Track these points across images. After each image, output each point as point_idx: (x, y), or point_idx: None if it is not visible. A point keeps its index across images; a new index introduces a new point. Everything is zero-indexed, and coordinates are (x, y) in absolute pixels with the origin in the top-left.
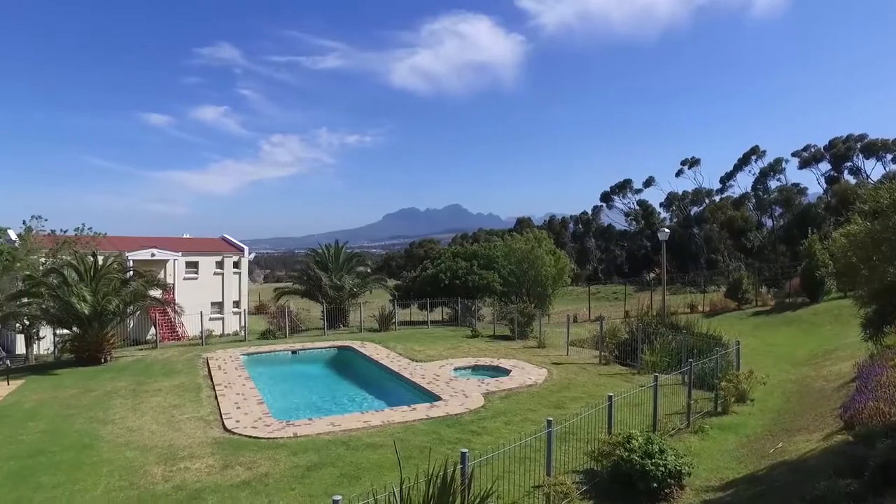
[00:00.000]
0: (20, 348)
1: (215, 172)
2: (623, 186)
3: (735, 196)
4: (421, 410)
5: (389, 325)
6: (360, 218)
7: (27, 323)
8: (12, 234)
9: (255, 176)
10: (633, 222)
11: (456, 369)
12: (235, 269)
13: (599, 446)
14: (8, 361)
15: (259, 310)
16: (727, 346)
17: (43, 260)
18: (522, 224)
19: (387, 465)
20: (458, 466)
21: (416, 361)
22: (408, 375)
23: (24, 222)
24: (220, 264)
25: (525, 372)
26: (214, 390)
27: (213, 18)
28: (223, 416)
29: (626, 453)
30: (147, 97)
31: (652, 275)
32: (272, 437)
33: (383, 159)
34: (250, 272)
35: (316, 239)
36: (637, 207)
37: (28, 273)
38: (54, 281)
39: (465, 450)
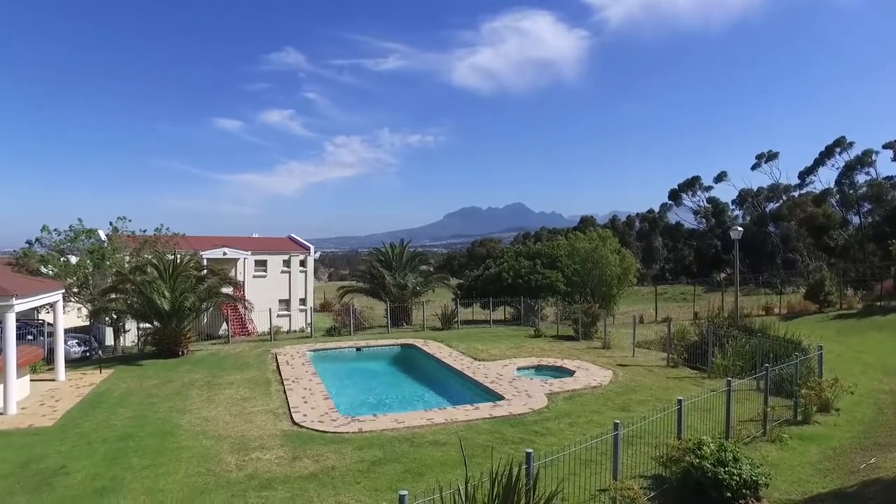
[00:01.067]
0: (109, 340)
1: (281, 174)
2: (692, 183)
3: (816, 192)
4: (484, 409)
5: (452, 324)
6: (421, 217)
7: (115, 317)
8: (102, 235)
9: (319, 177)
10: (703, 220)
11: (519, 369)
12: (301, 268)
13: (668, 451)
14: (100, 352)
15: (324, 307)
16: (807, 351)
17: (128, 258)
18: (585, 223)
19: (450, 463)
20: (523, 467)
21: (479, 360)
22: (470, 374)
23: (110, 223)
24: (286, 263)
25: (589, 373)
26: (283, 385)
27: (280, 25)
28: (291, 410)
29: (697, 460)
30: (219, 104)
31: (723, 275)
32: (338, 431)
33: (445, 158)
34: (315, 270)
35: (378, 238)
36: (707, 205)
37: (115, 271)
38: (138, 278)
39: (531, 450)
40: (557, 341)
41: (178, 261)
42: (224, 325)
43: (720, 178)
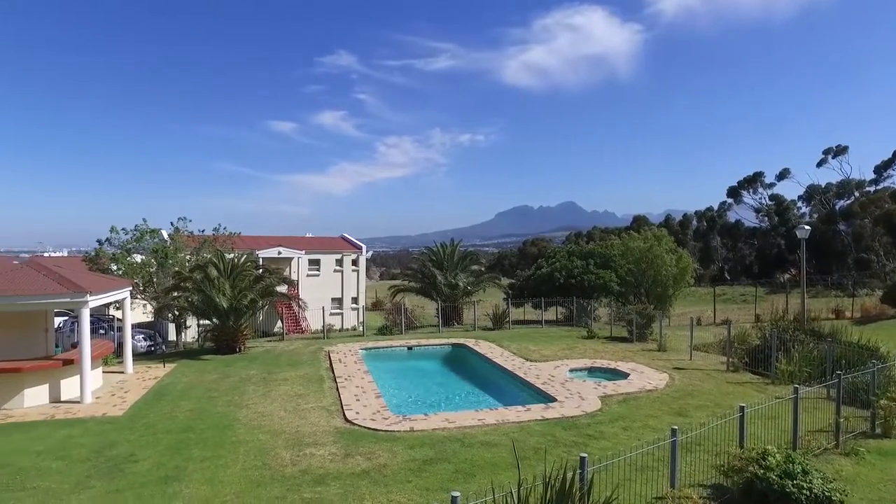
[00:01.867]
0: (172, 335)
1: (334, 174)
2: (753, 180)
3: (895, 187)
4: (536, 411)
5: (503, 324)
6: (472, 216)
7: (177, 314)
8: (165, 234)
9: (370, 177)
10: (765, 218)
11: (571, 370)
12: (354, 267)
13: (730, 460)
14: (164, 347)
15: (376, 306)
16: (886, 358)
17: (188, 257)
18: (639, 222)
19: (501, 465)
20: (577, 471)
21: (531, 361)
22: (522, 375)
23: (171, 223)
24: (339, 262)
25: (644, 376)
26: (336, 382)
27: (332, 29)
28: (344, 407)
29: (762, 471)
30: (274, 106)
31: (787, 276)
32: (390, 429)
33: (496, 157)
34: (367, 269)
35: (430, 237)
36: (770, 202)
37: (177, 269)
38: (199, 277)
39: (584, 454)
40: (611, 343)
41: (237, 260)
42: (279, 323)
43: (783, 174)
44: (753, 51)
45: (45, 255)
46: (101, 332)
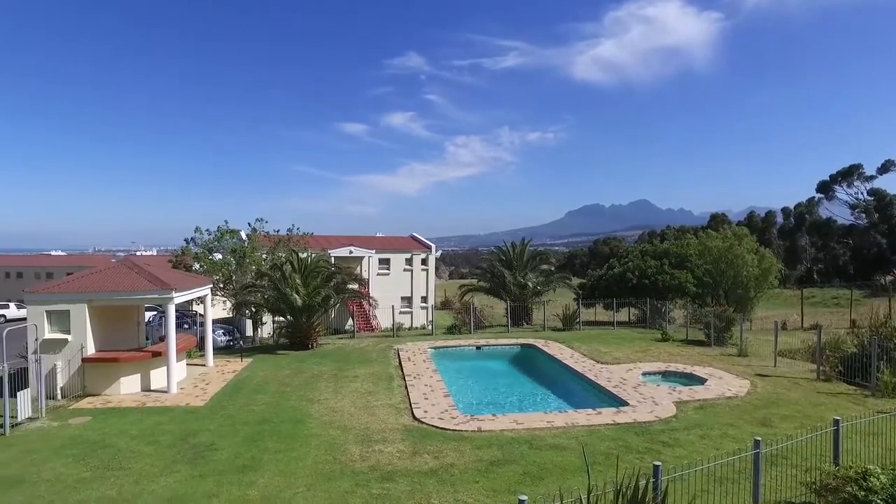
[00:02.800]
0: (249, 331)
1: (403, 175)
2: (849, 173)
3: None
4: (606, 415)
5: (573, 325)
6: (542, 215)
7: (254, 310)
8: (243, 235)
9: (439, 177)
10: (862, 215)
11: (644, 374)
12: (423, 266)
13: (822, 478)
14: (241, 342)
15: (444, 305)
16: None
17: (265, 257)
18: (717, 220)
19: (570, 469)
20: (651, 480)
21: (602, 363)
22: (592, 377)
23: (248, 224)
24: (409, 261)
25: (723, 382)
26: (404, 380)
27: (401, 30)
28: (412, 406)
29: (863, 492)
30: (344, 109)
31: (889, 277)
32: (457, 429)
33: (565, 155)
34: (436, 269)
35: (499, 236)
36: (869, 197)
37: (255, 268)
38: (275, 275)
39: (658, 462)
40: (686, 346)
41: (310, 259)
42: (350, 321)
43: (887, 166)
44: (848, 33)
45: (138, 253)
46: (185, 326)
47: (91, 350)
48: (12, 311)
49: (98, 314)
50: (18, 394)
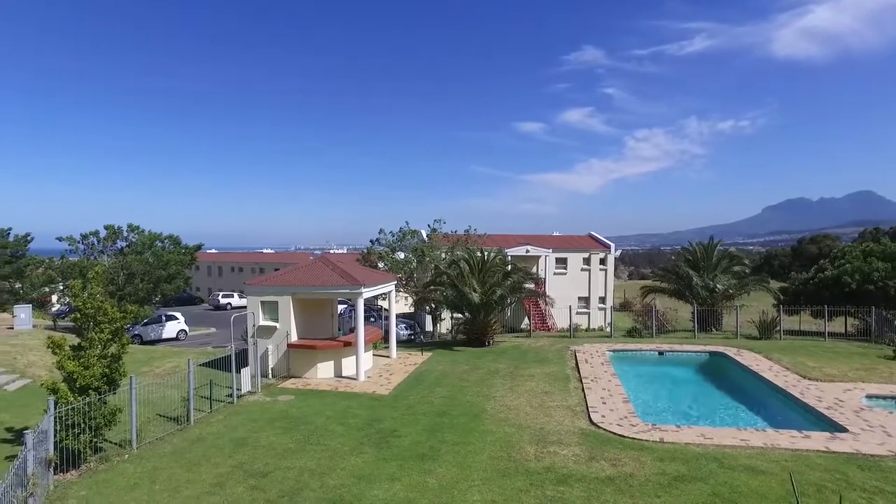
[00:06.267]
0: (429, 326)
1: (580, 172)
2: None
3: None
4: (817, 440)
5: (772, 333)
6: (734, 212)
7: (433, 306)
8: (423, 234)
9: (618, 173)
10: None
11: (869, 397)
12: (601, 266)
13: None
14: (422, 336)
15: (624, 307)
16: None
17: (443, 255)
18: None
19: (770, 496)
20: None
21: (809, 380)
22: (797, 395)
23: (428, 225)
24: (586, 261)
25: None
26: (581, 382)
27: (577, 25)
28: (589, 409)
29: None
30: (521, 108)
31: None
32: (637, 437)
33: (764, 144)
34: (615, 269)
35: (683, 235)
36: None
37: (434, 266)
38: (453, 272)
39: None
40: None
41: (486, 257)
42: (525, 320)
43: None
44: None
45: (331, 251)
46: (372, 320)
47: (294, 337)
48: (236, 300)
49: (299, 305)
50: (242, 371)
